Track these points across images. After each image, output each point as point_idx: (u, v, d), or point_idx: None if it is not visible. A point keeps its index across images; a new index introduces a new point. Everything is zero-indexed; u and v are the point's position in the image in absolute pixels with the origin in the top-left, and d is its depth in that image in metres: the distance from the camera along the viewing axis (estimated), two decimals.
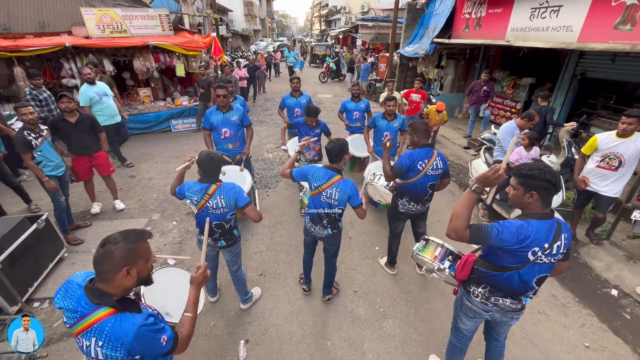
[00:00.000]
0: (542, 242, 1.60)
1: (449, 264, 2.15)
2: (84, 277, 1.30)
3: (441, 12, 8.33)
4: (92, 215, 4.32)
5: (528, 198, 1.64)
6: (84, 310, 1.19)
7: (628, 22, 4.09)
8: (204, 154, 2.32)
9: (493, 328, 2.10)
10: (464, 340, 2.16)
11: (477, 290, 1.88)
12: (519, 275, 1.69)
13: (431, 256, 2.22)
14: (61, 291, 1.27)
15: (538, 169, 1.60)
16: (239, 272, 2.78)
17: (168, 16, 7.68)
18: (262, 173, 5.81)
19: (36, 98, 5.21)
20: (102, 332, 1.17)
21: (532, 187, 1.61)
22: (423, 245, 2.34)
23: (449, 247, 2.22)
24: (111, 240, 1.23)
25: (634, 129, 3.17)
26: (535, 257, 1.62)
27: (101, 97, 5.18)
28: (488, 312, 1.90)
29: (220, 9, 21.02)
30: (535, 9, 5.45)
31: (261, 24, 44.14)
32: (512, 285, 1.74)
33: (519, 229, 1.58)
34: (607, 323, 2.91)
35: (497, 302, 1.83)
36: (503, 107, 8.01)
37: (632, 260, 3.57)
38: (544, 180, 1.58)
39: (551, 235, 1.62)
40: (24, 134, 3.28)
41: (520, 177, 1.65)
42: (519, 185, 1.66)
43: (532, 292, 1.78)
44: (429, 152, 2.79)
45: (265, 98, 12.35)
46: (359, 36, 19.82)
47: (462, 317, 2.06)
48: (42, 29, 7.16)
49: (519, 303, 1.82)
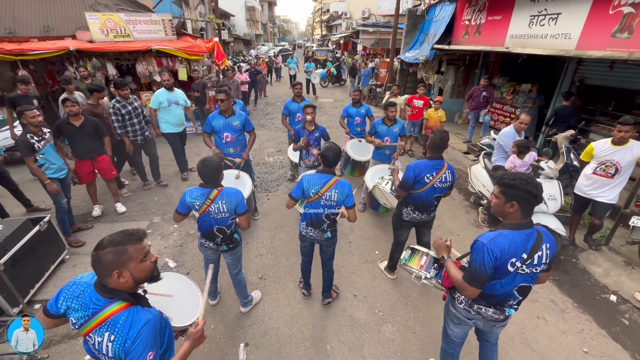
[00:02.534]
0: (519, 253, 1.61)
1: (435, 272, 2.17)
2: (90, 277, 1.32)
3: (441, 19, 8.41)
4: (93, 218, 4.35)
5: (509, 208, 1.64)
6: (97, 306, 1.22)
7: (625, 30, 4.15)
8: (200, 162, 2.34)
9: (483, 331, 2.12)
10: (454, 346, 2.16)
11: (462, 297, 1.90)
12: (501, 284, 1.70)
13: (417, 265, 2.24)
14: (64, 293, 1.28)
15: (520, 179, 1.60)
16: (240, 276, 2.80)
17: (171, 21, 7.76)
18: (262, 177, 5.84)
19: (118, 112, 4.45)
20: (116, 326, 1.19)
21: (513, 197, 1.62)
22: (409, 254, 2.35)
23: (434, 255, 2.21)
24: (99, 245, 1.24)
25: (629, 136, 3.21)
26: (515, 268, 1.63)
27: (170, 104, 5.04)
28: (471, 319, 1.93)
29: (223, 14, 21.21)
30: (534, 17, 5.52)
31: (263, 28, 44.46)
32: (493, 294, 1.75)
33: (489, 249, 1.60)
34: (606, 329, 2.92)
35: (479, 310, 1.85)
36: (503, 112, 8.06)
37: (630, 266, 3.59)
38: (525, 190, 1.58)
39: (529, 246, 1.62)
40: (27, 137, 3.32)
41: (503, 186, 1.66)
42: (501, 195, 1.67)
43: (516, 302, 1.78)
44: (438, 165, 2.72)
45: (266, 102, 12.43)
46: (359, 41, 19.98)
47: (449, 323, 2.08)
48: (47, 32, 7.25)
49: (502, 314, 1.82)
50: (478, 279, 1.65)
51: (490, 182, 4.42)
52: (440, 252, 1.98)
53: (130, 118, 4.58)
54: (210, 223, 2.41)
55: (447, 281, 1.96)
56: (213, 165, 2.33)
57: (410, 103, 6.81)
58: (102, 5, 7.79)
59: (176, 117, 5.16)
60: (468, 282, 1.68)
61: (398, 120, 4.31)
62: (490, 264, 1.60)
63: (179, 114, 5.21)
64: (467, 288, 1.70)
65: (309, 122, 4.04)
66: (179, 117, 5.22)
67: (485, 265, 1.61)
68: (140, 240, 1.30)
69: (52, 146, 3.58)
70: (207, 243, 2.55)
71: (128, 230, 1.30)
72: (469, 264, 1.71)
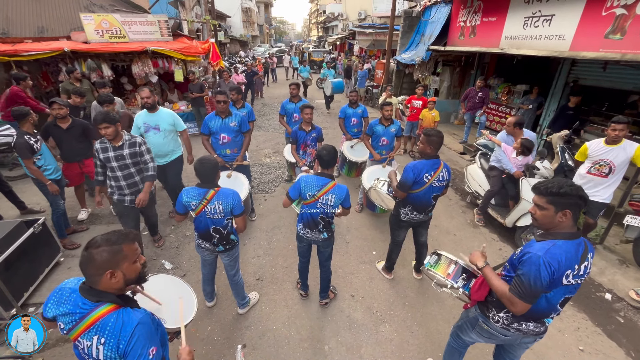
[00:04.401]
0: (573, 264, 1.50)
1: (463, 283, 2.00)
2: (75, 282, 1.30)
3: (437, 20, 8.47)
4: (79, 221, 4.30)
5: (560, 217, 1.52)
6: (83, 310, 1.20)
7: (618, 32, 4.20)
8: (196, 161, 2.34)
9: (507, 351, 1.95)
10: (464, 346, 2.12)
11: (498, 315, 1.74)
12: (547, 298, 1.59)
13: (444, 273, 2.08)
14: (52, 300, 1.27)
15: (568, 186, 1.49)
16: (237, 277, 2.79)
17: (167, 22, 7.73)
18: (259, 178, 5.83)
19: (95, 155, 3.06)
20: (105, 328, 1.17)
21: (565, 206, 1.49)
22: (435, 260, 2.19)
23: (463, 264, 2.08)
24: (93, 244, 1.22)
25: (622, 135, 3.25)
26: (567, 280, 1.52)
27: (148, 130, 3.77)
28: (508, 336, 1.77)
29: (219, 15, 21.20)
30: (529, 18, 5.57)
31: (259, 30, 44.49)
32: (538, 308, 1.61)
33: (547, 262, 1.47)
34: (601, 327, 2.94)
35: (519, 327, 1.71)
36: (498, 113, 8.13)
37: (625, 265, 3.62)
38: (577, 196, 1.48)
39: (579, 256, 1.52)
40: (26, 139, 3.27)
41: (551, 195, 1.52)
42: (549, 204, 1.53)
43: (556, 313, 1.68)
44: (436, 164, 2.74)
45: (262, 103, 12.42)
46: (356, 42, 20.04)
47: (471, 333, 1.94)
48: (41, 33, 7.19)
49: (542, 326, 1.71)
50: (532, 294, 1.51)
51: (486, 181, 4.45)
52: (477, 261, 1.82)
53: (113, 170, 3.03)
54: (206, 223, 2.40)
55: (477, 294, 1.82)
56: (209, 164, 2.31)
57: (409, 104, 6.85)
58: (97, 6, 7.74)
59: (156, 146, 3.79)
60: (519, 297, 1.53)
61: (395, 120, 4.33)
62: (546, 277, 1.47)
63: (160, 143, 3.84)
64: (517, 303, 1.55)
65: (307, 123, 4.05)
66: (161, 147, 3.86)
67: (542, 279, 1.47)
68: (134, 241, 1.31)
69: (46, 147, 3.55)
70: (204, 244, 2.54)
71: (121, 231, 1.30)
72: (520, 277, 1.54)
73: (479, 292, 1.81)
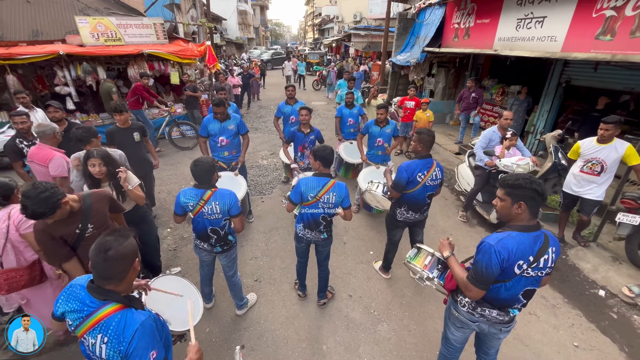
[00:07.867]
0: (526, 255, 1.58)
1: (438, 273, 2.13)
2: (85, 279, 1.32)
3: (431, 22, 8.55)
4: None
5: (516, 209, 1.61)
6: (90, 308, 1.22)
7: (608, 33, 4.28)
8: (192, 163, 2.35)
9: (483, 341, 2.06)
10: (453, 351, 2.12)
11: (464, 299, 1.86)
12: (506, 287, 1.68)
13: (421, 265, 2.20)
14: (62, 296, 1.29)
15: (524, 179, 1.59)
16: (235, 278, 2.80)
17: (163, 25, 7.75)
18: (256, 179, 5.84)
19: None
20: (108, 328, 1.19)
21: (519, 198, 1.59)
22: (414, 253, 2.32)
23: (439, 256, 2.18)
24: (113, 244, 1.23)
25: (612, 134, 3.31)
26: (521, 270, 1.60)
27: None
28: (475, 322, 1.87)
29: (215, 17, 21.21)
30: (521, 20, 5.65)
31: (255, 32, 44.54)
32: (499, 297, 1.72)
33: (497, 251, 1.57)
34: (595, 323, 2.99)
35: (483, 312, 1.80)
36: (492, 113, 8.20)
37: (618, 262, 3.68)
38: (530, 189, 1.56)
39: (536, 248, 1.60)
40: (16, 142, 3.29)
41: (507, 187, 1.62)
42: (506, 196, 1.63)
43: (520, 304, 1.76)
44: (429, 163, 2.79)
45: (259, 105, 12.44)
46: (351, 44, 20.16)
47: (450, 327, 2.04)
48: (36, 37, 7.18)
49: (507, 315, 1.79)
50: (484, 280, 1.62)
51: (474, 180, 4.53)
52: (444, 250, 1.97)
53: None
54: (204, 224, 2.42)
55: (450, 283, 1.93)
56: (205, 165, 2.33)
57: (402, 105, 6.90)
58: (93, 10, 7.76)
59: None
60: (473, 283, 1.65)
61: (390, 121, 4.36)
62: (497, 265, 1.57)
63: None
64: (471, 289, 1.67)
65: (304, 125, 4.07)
66: None
67: (492, 266, 1.58)
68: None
69: None
70: (202, 244, 2.55)
71: (120, 228, 1.34)
72: (474, 264, 1.68)
73: (451, 282, 1.91)
